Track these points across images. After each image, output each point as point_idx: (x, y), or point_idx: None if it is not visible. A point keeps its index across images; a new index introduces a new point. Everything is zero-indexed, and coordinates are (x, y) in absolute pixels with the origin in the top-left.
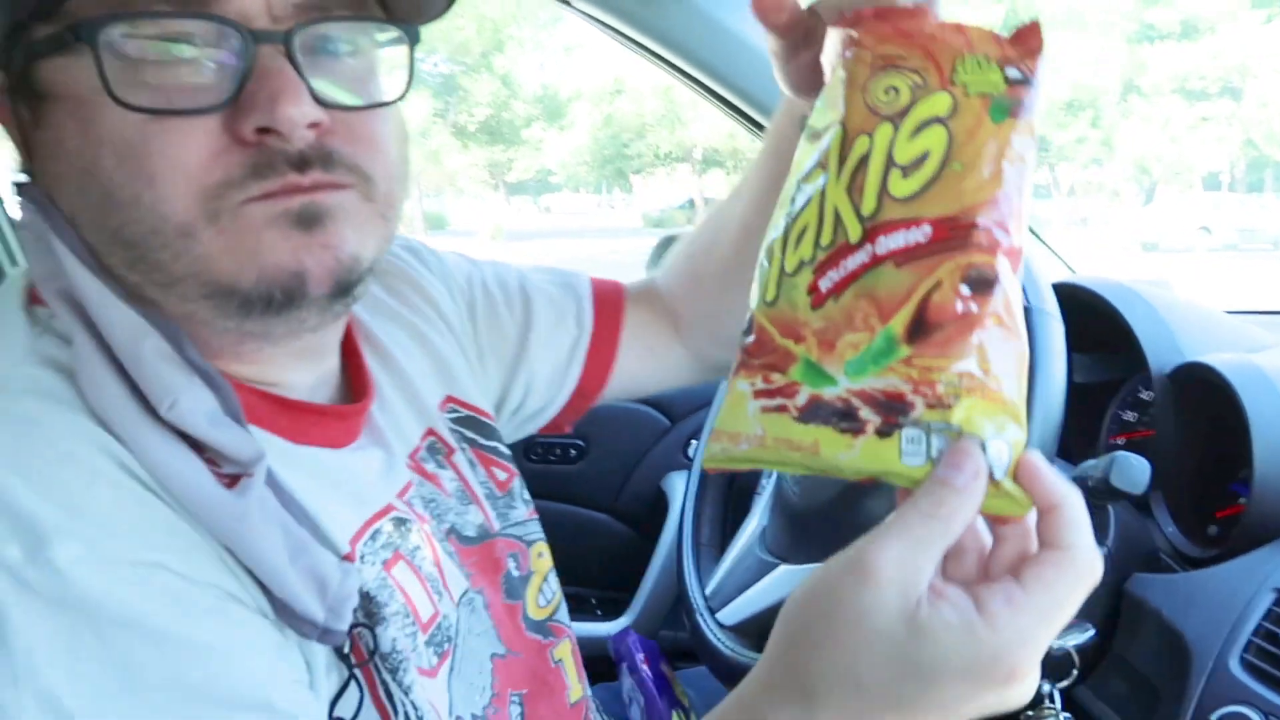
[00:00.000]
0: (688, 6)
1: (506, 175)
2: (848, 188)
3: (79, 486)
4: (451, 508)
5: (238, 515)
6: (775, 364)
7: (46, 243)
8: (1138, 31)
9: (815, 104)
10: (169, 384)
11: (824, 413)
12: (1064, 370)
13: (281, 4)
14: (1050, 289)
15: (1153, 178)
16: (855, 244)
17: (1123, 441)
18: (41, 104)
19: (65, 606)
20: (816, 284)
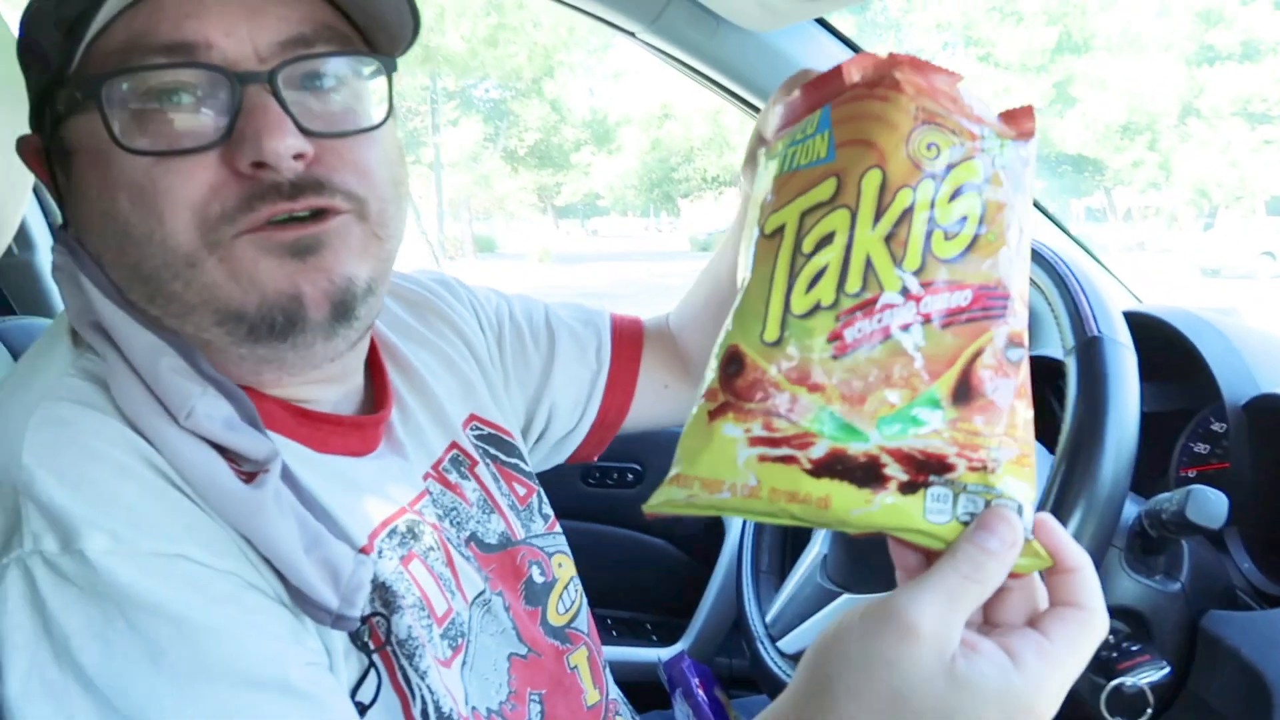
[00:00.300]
0: (749, 36)
1: (555, 199)
2: (886, 237)
3: (107, 482)
4: (473, 516)
5: (255, 507)
6: (779, 411)
7: (77, 281)
8: (1197, 53)
9: (796, 125)
10: (185, 395)
11: (844, 467)
12: (1137, 401)
13: (267, 45)
14: (1121, 318)
15: (1213, 202)
16: (894, 299)
17: (1194, 474)
18: (69, 160)
19: (97, 594)
20: (841, 332)
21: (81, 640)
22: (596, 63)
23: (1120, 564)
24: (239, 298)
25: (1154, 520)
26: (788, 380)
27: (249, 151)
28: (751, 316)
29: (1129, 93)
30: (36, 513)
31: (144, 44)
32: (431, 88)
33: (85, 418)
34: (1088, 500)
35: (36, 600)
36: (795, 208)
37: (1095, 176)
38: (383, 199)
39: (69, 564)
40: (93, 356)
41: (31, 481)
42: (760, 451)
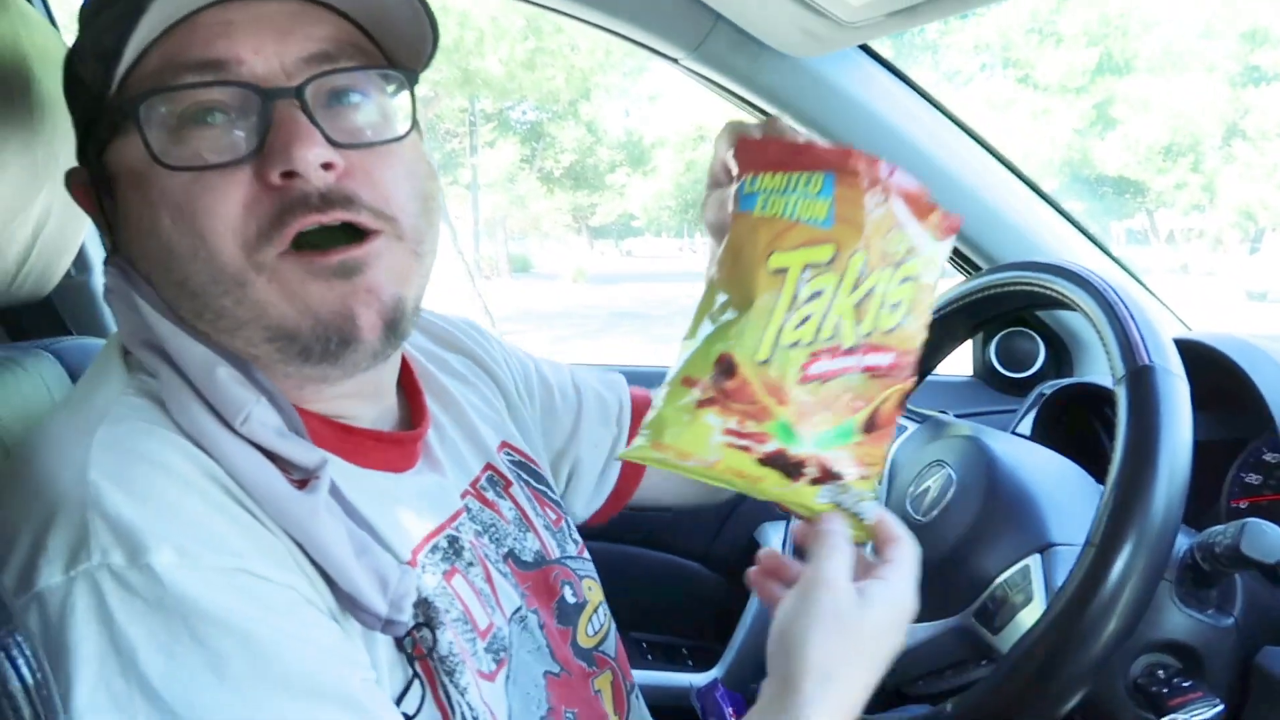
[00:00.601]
0: (792, 62)
1: (590, 219)
2: (856, 305)
3: (172, 497)
4: (510, 533)
5: (309, 510)
6: (753, 413)
7: (129, 302)
8: (1242, 74)
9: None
10: (241, 401)
11: (781, 462)
12: (1190, 431)
13: (293, 62)
14: (1173, 346)
15: (1259, 225)
16: (848, 348)
17: (1245, 505)
18: (114, 186)
19: (163, 608)
20: (808, 366)
21: (148, 653)
22: (632, 85)
23: (1171, 598)
24: (293, 317)
25: (1206, 553)
26: (765, 391)
27: (279, 162)
28: (751, 338)
29: (1172, 114)
30: (104, 527)
31: (177, 64)
32: (470, 110)
33: (147, 435)
34: (1139, 533)
35: (104, 613)
36: (799, 258)
37: (1137, 198)
38: (413, 214)
39: (136, 577)
40: (145, 377)
41: (99, 497)
42: (729, 440)
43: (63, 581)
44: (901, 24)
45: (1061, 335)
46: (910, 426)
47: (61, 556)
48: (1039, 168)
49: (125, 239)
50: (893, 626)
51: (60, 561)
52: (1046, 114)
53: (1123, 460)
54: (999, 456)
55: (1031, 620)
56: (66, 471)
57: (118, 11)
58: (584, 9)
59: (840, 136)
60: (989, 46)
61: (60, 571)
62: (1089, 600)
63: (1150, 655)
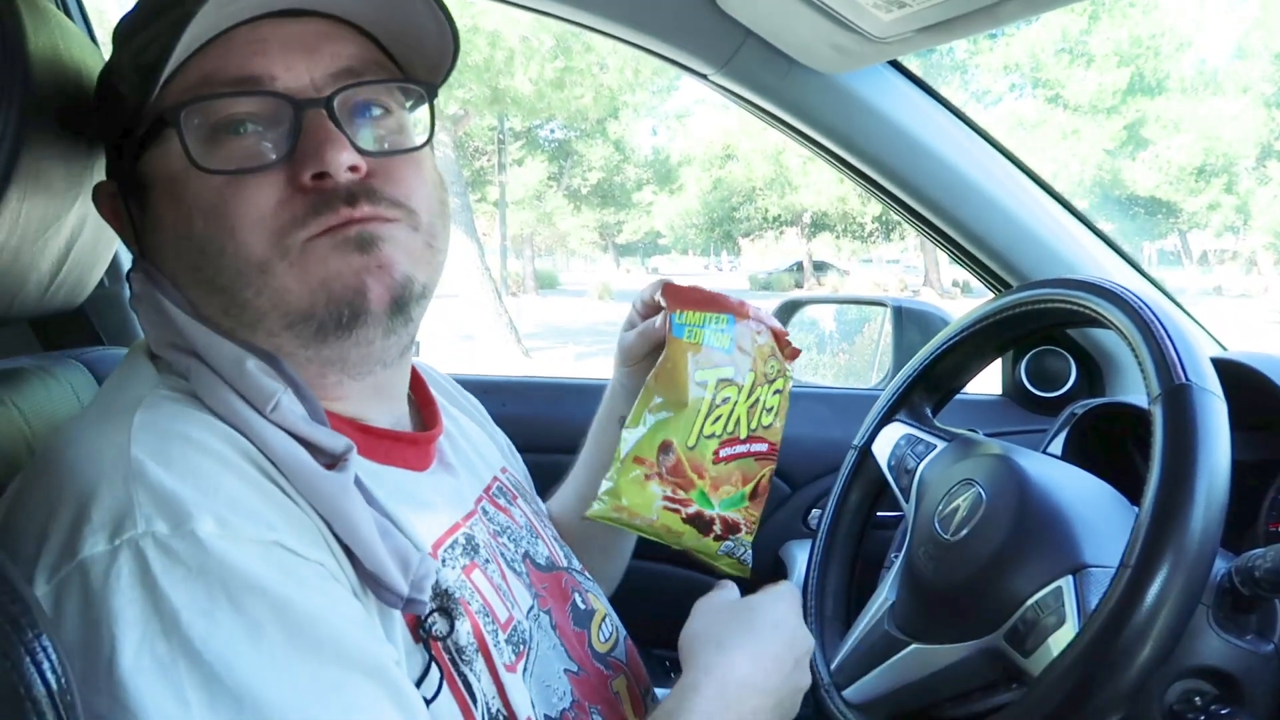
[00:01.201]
0: (821, 79)
1: (616, 237)
2: (748, 409)
3: (211, 473)
4: (523, 537)
5: (340, 488)
6: (682, 485)
7: (156, 305)
8: (1276, 94)
9: (716, 359)
10: (271, 390)
11: (699, 521)
12: (1228, 451)
13: (322, 77)
14: (1210, 365)
15: None
16: (743, 439)
17: None
18: (146, 194)
19: (205, 573)
20: (719, 451)
21: (190, 615)
22: (660, 104)
23: (1209, 622)
24: (307, 299)
25: (1245, 577)
26: (691, 469)
27: (311, 164)
28: (683, 430)
29: (1205, 135)
30: (148, 498)
31: (215, 79)
32: (499, 128)
33: (185, 418)
34: (1176, 555)
35: (148, 579)
36: (713, 374)
37: (1169, 219)
38: (431, 212)
39: (180, 544)
40: (174, 378)
41: (143, 470)
42: (665, 504)
43: (107, 550)
44: (931, 40)
45: (1093, 354)
46: (939, 445)
47: (106, 527)
48: (1069, 187)
49: (155, 244)
50: (782, 620)
51: (105, 531)
52: (1077, 134)
53: (1159, 480)
54: (1030, 475)
55: (1064, 643)
56: (109, 450)
57: (158, 28)
58: (616, 26)
59: (871, 151)
60: (1019, 66)
61: (105, 541)
62: (1124, 624)
63: (1187, 681)
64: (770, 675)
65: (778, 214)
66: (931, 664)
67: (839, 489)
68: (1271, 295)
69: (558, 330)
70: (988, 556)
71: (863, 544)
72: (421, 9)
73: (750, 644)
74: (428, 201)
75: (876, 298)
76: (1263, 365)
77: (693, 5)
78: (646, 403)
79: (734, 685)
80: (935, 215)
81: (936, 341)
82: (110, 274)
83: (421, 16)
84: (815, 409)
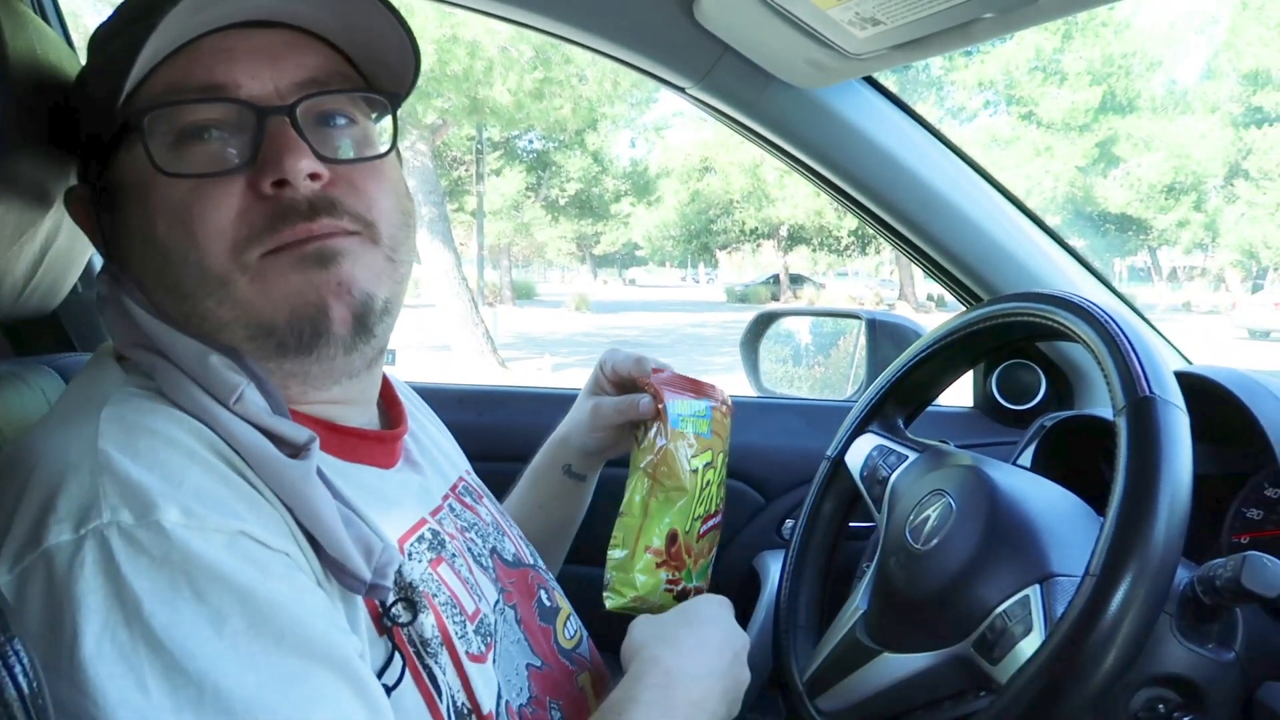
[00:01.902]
0: (798, 93)
1: (594, 248)
2: (717, 487)
3: (177, 465)
4: (491, 533)
5: (302, 475)
6: (679, 567)
7: (121, 306)
8: (1244, 114)
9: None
10: (233, 383)
11: (683, 595)
12: (1190, 464)
13: (287, 85)
14: (1173, 378)
15: (1261, 264)
16: (714, 514)
17: (1246, 540)
18: (115, 198)
19: (168, 562)
20: (701, 530)
21: (152, 604)
22: (638, 116)
23: (1172, 631)
24: (269, 312)
25: (1207, 586)
26: (685, 552)
27: (271, 171)
28: (684, 517)
29: (1174, 153)
30: (115, 489)
31: (181, 86)
32: (477, 138)
33: (151, 412)
34: (1139, 564)
35: (111, 567)
36: (701, 460)
37: (1139, 236)
38: (393, 224)
39: (144, 534)
40: (140, 377)
41: (109, 462)
42: (668, 587)
43: (72, 539)
44: (906, 57)
45: (1063, 367)
46: (911, 456)
47: (72, 516)
48: (1042, 204)
49: (122, 248)
50: (716, 616)
51: (70, 521)
52: (1050, 151)
53: (1123, 491)
54: (1000, 486)
55: (1031, 651)
56: (76, 444)
57: (131, 37)
58: (595, 39)
59: (845, 165)
60: (993, 84)
61: (70, 530)
62: (1089, 631)
63: (1151, 689)
64: (712, 663)
65: (755, 227)
66: (902, 672)
67: (812, 499)
68: (1239, 312)
69: (534, 341)
70: (957, 566)
71: (835, 554)
72: (383, 22)
73: (689, 635)
74: (389, 214)
75: (851, 310)
76: (1226, 379)
77: (671, 20)
78: (646, 491)
79: (677, 674)
80: (909, 230)
81: (909, 354)
82: (85, 280)
83: (384, 29)
84: (790, 420)
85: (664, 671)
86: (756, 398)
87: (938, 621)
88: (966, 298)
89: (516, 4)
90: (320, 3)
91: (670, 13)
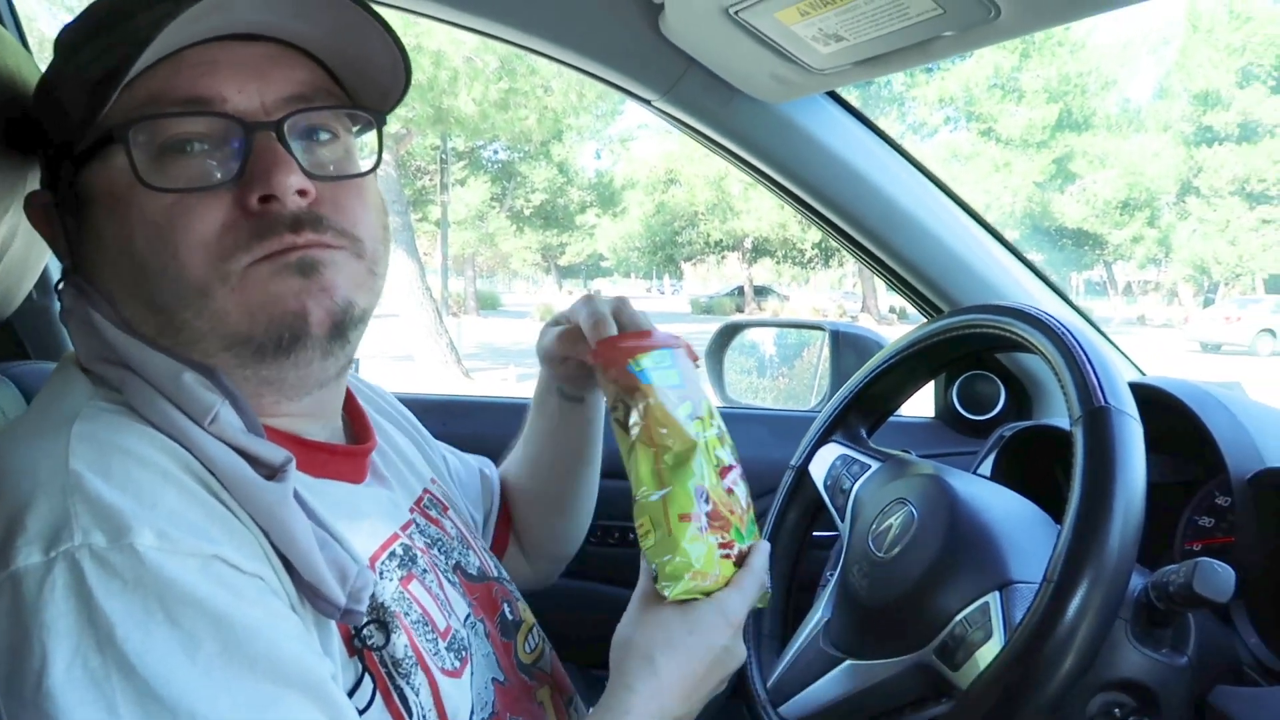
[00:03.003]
0: (762, 107)
1: (559, 259)
2: (718, 436)
3: (151, 485)
4: (455, 548)
5: (279, 498)
6: (725, 527)
7: (87, 319)
8: (1195, 133)
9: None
10: (208, 402)
11: (740, 557)
12: (1144, 472)
13: (273, 101)
14: (1127, 389)
15: (1213, 279)
16: (733, 465)
17: (1199, 548)
18: (85, 208)
19: (141, 586)
20: (727, 486)
21: (125, 629)
22: (604, 127)
23: (1127, 637)
24: (246, 323)
25: (1161, 592)
26: (724, 508)
27: (259, 187)
28: (705, 471)
29: (1128, 170)
30: (86, 510)
31: (164, 98)
32: (442, 148)
33: (124, 430)
34: (1095, 570)
35: (83, 591)
36: (684, 410)
37: (1095, 251)
38: (375, 239)
39: (117, 557)
40: (108, 391)
41: (80, 483)
42: (722, 552)
43: (42, 562)
44: (867, 73)
45: (1021, 379)
46: (873, 465)
47: (42, 538)
48: (1001, 218)
49: (90, 258)
50: (716, 639)
51: (40, 543)
52: (1008, 167)
53: (1079, 499)
54: (960, 495)
55: (991, 656)
56: (46, 462)
57: (106, 42)
58: (561, 50)
59: (808, 178)
60: (954, 100)
61: (40, 552)
62: (1046, 637)
63: (1107, 694)
64: (692, 696)
65: (719, 239)
66: (865, 679)
67: (776, 509)
68: (1191, 325)
69: (499, 351)
70: (919, 573)
71: (799, 563)
72: (375, 39)
73: (680, 665)
74: (372, 229)
75: (815, 322)
76: (1178, 390)
77: (637, 32)
78: (652, 461)
79: (656, 711)
80: (871, 242)
81: (871, 365)
82: (40, 288)
83: (374, 46)
84: (755, 430)
85: (643, 709)
86: (721, 408)
87: (900, 629)
88: (927, 310)
89: (483, 14)
90: (315, 19)
91: (637, 26)
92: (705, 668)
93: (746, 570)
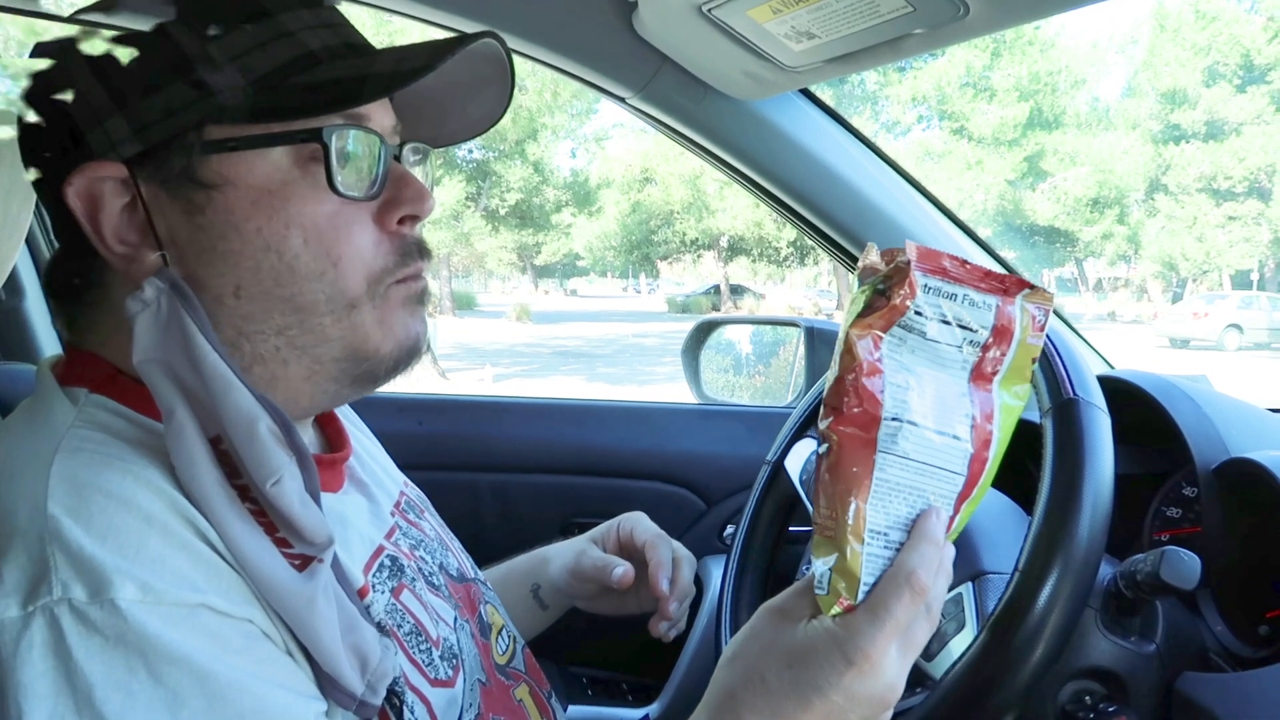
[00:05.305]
0: (736, 105)
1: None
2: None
3: (134, 532)
4: (436, 549)
5: (307, 600)
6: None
7: (177, 326)
8: (1163, 131)
9: None
10: (277, 463)
11: None
12: (1111, 463)
13: (391, 125)
14: (1096, 381)
15: (1181, 275)
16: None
17: (1166, 537)
18: (209, 193)
19: (124, 644)
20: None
21: (105, 690)
22: (578, 126)
23: (1096, 625)
24: (378, 341)
25: (1129, 581)
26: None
27: (407, 207)
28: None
29: (1098, 168)
30: (65, 561)
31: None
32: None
33: (106, 467)
34: (1064, 560)
35: (62, 649)
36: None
37: (1067, 248)
38: None
39: (97, 613)
40: (94, 408)
41: (59, 531)
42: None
43: (19, 616)
44: (840, 70)
45: None
46: None
47: (20, 590)
48: (974, 216)
49: (203, 249)
50: (871, 693)
51: (18, 595)
52: (980, 165)
53: (1049, 490)
54: None
55: (964, 647)
56: (23, 503)
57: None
58: (535, 48)
59: (782, 175)
60: (926, 99)
61: (17, 606)
62: (1017, 626)
63: (1078, 682)
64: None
65: (695, 237)
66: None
67: (752, 504)
68: (1160, 321)
69: (475, 351)
70: None
71: (776, 558)
72: (492, 98)
73: (807, 700)
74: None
75: (790, 318)
76: (1145, 382)
77: (610, 30)
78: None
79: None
80: (845, 240)
81: None
82: (9, 288)
83: (486, 99)
84: (731, 427)
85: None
86: (698, 405)
87: None
88: None
89: (457, 12)
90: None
91: (610, 24)
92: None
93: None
